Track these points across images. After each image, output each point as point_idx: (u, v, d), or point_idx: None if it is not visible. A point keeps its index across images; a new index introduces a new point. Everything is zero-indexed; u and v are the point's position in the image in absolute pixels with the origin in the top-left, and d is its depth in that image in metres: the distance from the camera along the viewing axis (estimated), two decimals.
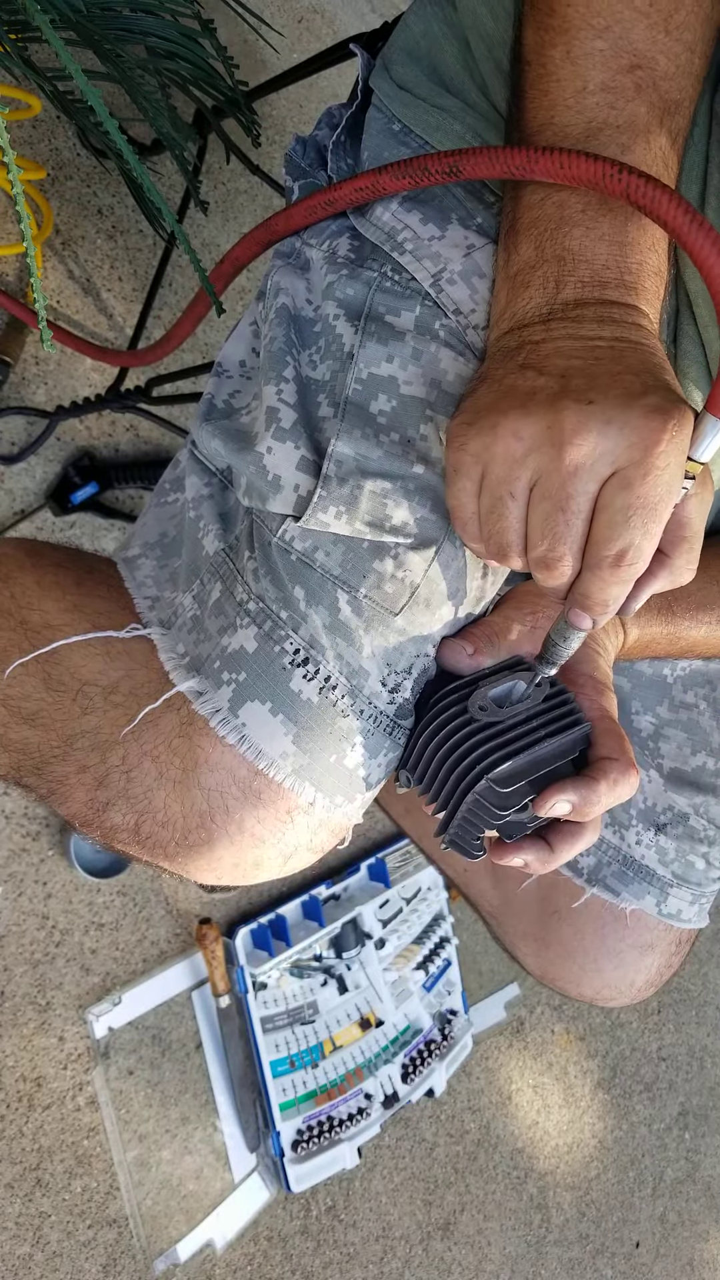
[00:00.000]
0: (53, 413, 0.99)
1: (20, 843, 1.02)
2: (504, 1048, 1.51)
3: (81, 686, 0.51)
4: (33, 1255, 1.01)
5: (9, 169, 0.52)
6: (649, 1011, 1.76)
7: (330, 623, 0.47)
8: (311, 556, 0.47)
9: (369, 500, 0.47)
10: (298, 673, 0.47)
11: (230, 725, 0.47)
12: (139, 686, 0.50)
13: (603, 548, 0.39)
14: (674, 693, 0.70)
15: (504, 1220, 1.47)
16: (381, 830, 1.38)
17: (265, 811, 0.48)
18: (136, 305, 1.09)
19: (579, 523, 0.40)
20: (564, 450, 0.38)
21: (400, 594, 0.48)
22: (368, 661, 0.48)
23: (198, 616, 0.51)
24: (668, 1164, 1.74)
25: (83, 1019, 1.05)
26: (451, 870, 0.86)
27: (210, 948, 1.12)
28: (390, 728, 0.50)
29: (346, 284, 0.50)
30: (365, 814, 1.35)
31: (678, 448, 0.38)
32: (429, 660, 0.51)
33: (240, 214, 1.19)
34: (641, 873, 0.70)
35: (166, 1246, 1.09)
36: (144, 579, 0.55)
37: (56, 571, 0.57)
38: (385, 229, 0.50)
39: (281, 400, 0.48)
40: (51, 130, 1.03)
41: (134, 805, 0.49)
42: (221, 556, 0.50)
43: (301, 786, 0.48)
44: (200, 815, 0.48)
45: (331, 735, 0.48)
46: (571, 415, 0.38)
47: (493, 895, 0.80)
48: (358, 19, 1.39)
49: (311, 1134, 1.18)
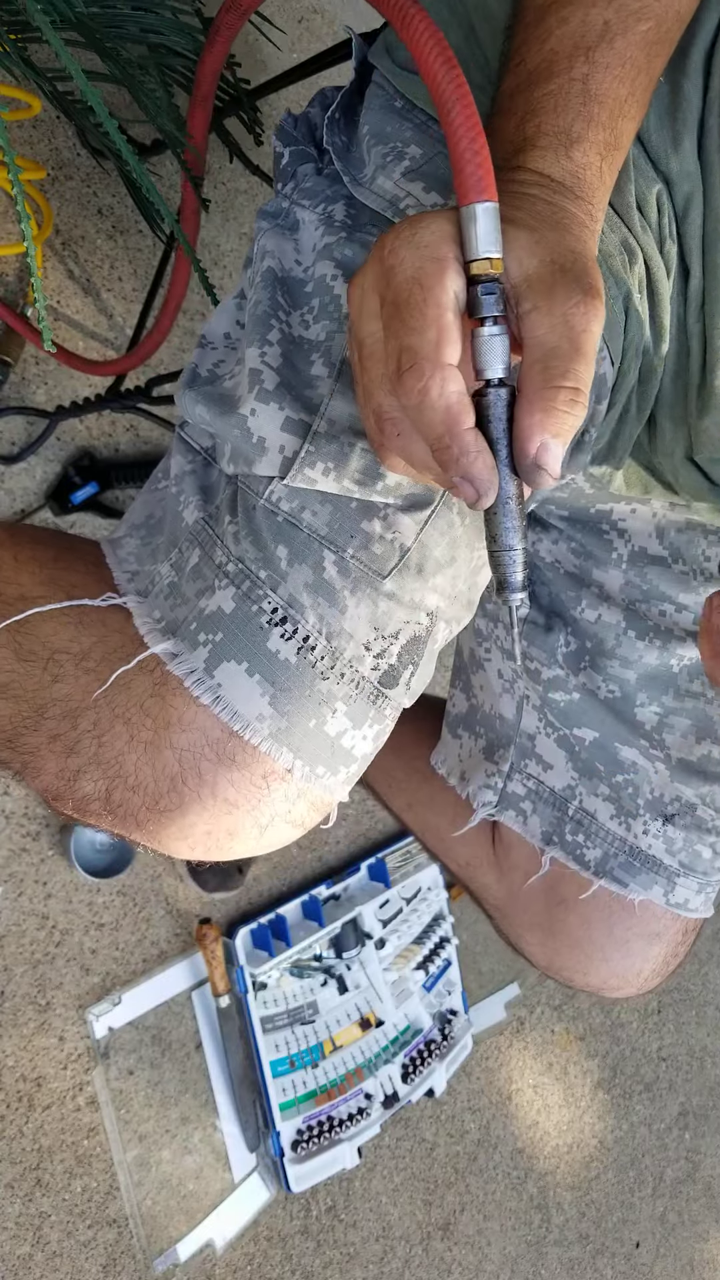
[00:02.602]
0: (53, 413, 0.99)
1: (20, 843, 1.02)
2: (504, 1048, 1.51)
3: (52, 655, 0.50)
4: (33, 1255, 1.01)
5: (9, 169, 0.52)
6: (649, 1011, 1.76)
7: (312, 581, 0.46)
8: (298, 517, 0.47)
9: (360, 458, 0.46)
10: (275, 632, 0.46)
11: (205, 685, 0.46)
12: (111, 652, 0.49)
13: (381, 364, 0.37)
14: (679, 682, 0.70)
15: (504, 1220, 1.47)
16: (382, 830, 1.38)
17: (239, 775, 0.47)
18: (136, 305, 1.09)
19: (376, 367, 0.38)
20: (349, 312, 0.39)
21: (389, 556, 0.47)
22: (350, 623, 0.47)
23: (175, 583, 0.50)
24: (668, 1164, 1.74)
25: (83, 1019, 1.05)
26: (455, 864, 0.85)
27: (210, 948, 1.12)
28: (374, 695, 0.49)
29: (345, 246, 0.49)
30: (365, 814, 1.35)
31: (408, 241, 0.36)
32: (420, 628, 0.50)
33: (240, 214, 1.19)
34: (649, 863, 0.70)
35: (166, 1246, 1.09)
36: (125, 555, 0.54)
37: (34, 548, 0.56)
38: (387, 196, 0.50)
39: (265, 363, 0.48)
40: (51, 130, 1.03)
41: (105, 771, 0.48)
42: (201, 524, 0.50)
43: (279, 751, 0.47)
44: (171, 778, 0.47)
45: (310, 699, 0.47)
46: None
47: (497, 888, 0.80)
48: (358, 19, 1.39)
49: (311, 1134, 1.18)
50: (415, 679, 0.51)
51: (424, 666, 0.52)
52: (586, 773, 0.72)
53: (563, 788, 0.73)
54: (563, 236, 0.38)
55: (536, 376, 0.36)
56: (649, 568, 0.69)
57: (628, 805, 0.71)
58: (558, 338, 0.35)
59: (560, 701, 0.72)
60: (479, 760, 0.78)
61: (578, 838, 0.72)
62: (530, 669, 0.73)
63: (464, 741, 0.81)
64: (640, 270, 0.51)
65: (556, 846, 0.73)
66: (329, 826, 0.56)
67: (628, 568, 0.70)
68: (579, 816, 0.73)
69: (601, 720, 0.71)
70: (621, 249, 0.50)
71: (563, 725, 0.72)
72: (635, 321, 0.51)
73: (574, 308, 0.36)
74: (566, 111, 0.41)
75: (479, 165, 0.36)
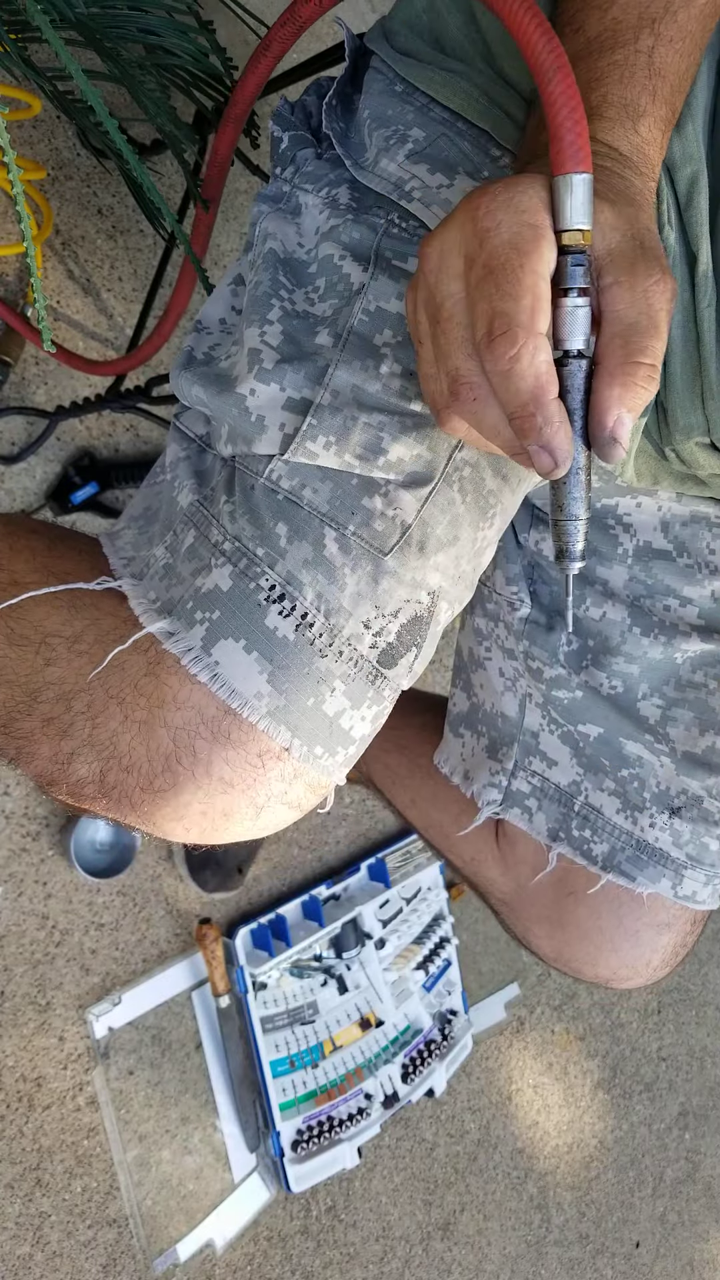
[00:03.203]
0: (53, 413, 0.99)
1: (20, 843, 1.02)
2: (504, 1048, 1.51)
3: (45, 639, 0.50)
4: (33, 1255, 1.01)
5: (9, 169, 0.52)
6: (649, 1011, 1.76)
7: (311, 559, 0.46)
8: (299, 494, 0.46)
9: (362, 432, 0.46)
10: (273, 609, 0.46)
11: (203, 663, 0.46)
12: (105, 634, 0.49)
13: (473, 330, 0.37)
14: (682, 673, 0.70)
15: (504, 1220, 1.47)
16: (382, 830, 1.38)
17: (234, 753, 0.47)
18: (136, 305, 1.09)
19: (457, 329, 0.37)
20: (420, 271, 0.38)
21: (390, 533, 0.47)
22: (350, 601, 0.47)
23: (170, 564, 0.49)
24: (668, 1164, 1.74)
25: (83, 1019, 1.05)
26: (459, 860, 0.85)
27: (210, 948, 1.12)
28: (373, 675, 0.49)
29: (352, 228, 0.49)
30: (365, 814, 1.35)
31: (505, 205, 0.36)
32: (421, 607, 0.49)
33: (240, 214, 1.19)
34: (656, 856, 0.70)
35: (166, 1246, 1.09)
36: (122, 545, 0.54)
37: (30, 537, 0.56)
38: (391, 179, 0.50)
39: (264, 342, 0.48)
40: (51, 130, 1.03)
41: (99, 752, 0.47)
42: (195, 506, 0.49)
43: (276, 729, 0.47)
44: (166, 757, 0.46)
45: (309, 676, 0.47)
46: (427, 239, 0.38)
47: (503, 883, 0.80)
48: (357, 19, 1.39)
49: (311, 1134, 1.18)
50: (418, 660, 0.51)
51: (426, 648, 0.51)
52: (591, 768, 0.72)
53: (568, 784, 0.73)
54: (639, 213, 0.38)
55: (618, 350, 0.36)
56: (654, 562, 0.69)
57: (634, 799, 0.71)
58: (638, 314, 0.36)
59: (563, 699, 0.72)
60: (482, 759, 0.78)
61: (584, 833, 0.72)
62: (532, 668, 0.73)
63: (466, 740, 0.81)
64: None
65: (563, 842, 0.73)
66: (325, 811, 0.55)
67: (633, 563, 0.70)
68: (585, 812, 0.72)
69: (605, 716, 0.71)
70: None
71: (566, 722, 0.72)
72: None
73: (654, 285, 0.36)
74: (633, 84, 0.41)
75: (578, 135, 0.36)
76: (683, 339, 0.53)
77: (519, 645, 0.74)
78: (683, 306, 0.52)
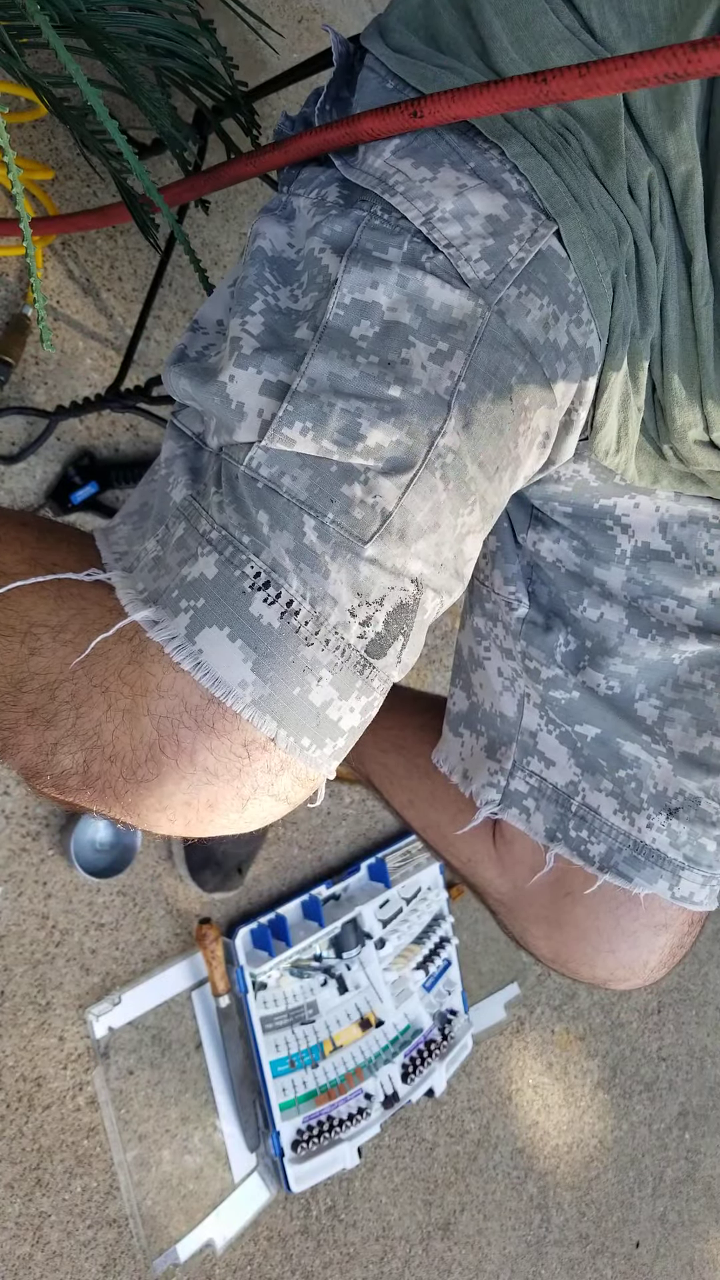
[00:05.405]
0: (53, 413, 0.99)
1: (20, 843, 1.02)
2: (504, 1048, 1.51)
3: (30, 628, 0.49)
4: (33, 1255, 1.01)
5: (9, 169, 0.52)
6: (649, 1011, 1.76)
7: (294, 547, 0.46)
8: (278, 482, 0.46)
9: (339, 418, 0.45)
10: (258, 596, 0.46)
11: (187, 651, 0.46)
12: (90, 623, 0.49)
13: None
14: (680, 674, 0.70)
15: (504, 1220, 1.47)
16: (382, 830, 1.38)
17: (218, 742, 0.46)
18: (136, 305, 1.09)
19: None
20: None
21: (370, 521, 0.46)
22: (334, 588, 0.46)
23: (159, 556, 0.49)
24: (668, 1164, 1.74)
25: (83, 1019, 1.05)
26: (457, 861, 0.85)
27: (210, 948, 1.12)
28: (361, 665, 0.48)
29: (335, 221, 0.50)
30: (365, 814, 1.35)
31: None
32: (406, 594, 0.49)
33: (240, 214, 1.19)
34: (653, 857, 0.70)
35: (166, 1246, 1.09)
36: (116, 540, 0.54)
37: (19, 530, 0.56)
38: (376, 174, 0.50)
39: (245, 330, 0.48)
40: (52, 130, 1.03)
41: (83, 742, 0.47)
42: (188, 500, 0.49)
43: (261, 718, 0.46)
44: (149, 746, 0.46)
45: (294, 665, 0.46)
46: None
47: (500, 883, 0.80)
48: (358, 19, 1.39)
49: (311, 1134, 1.18)
50: (407, 651, 0.51)
51: (414, 638, 0.51)
52: (589, 769, 0.72)
53: (565, 784, 0.73)
54: None
55: None
56: (652, 563, 0.69)
57: (631, 800, 0.71)
58: None
59: (561, 699, 0.72)
60: (481, 758, 0.78)
61: (581, 833, 0.72)
62: (530, 668, 0.73)
63: (465, 740, 0.81)
64: (629, 250, 0.51)
65: (560, 843, 0.73)
66: (316, 806, 0.55)
67: (631, 564, 0.70)
68: (582, 812, 0.73)
69: (603, 716, 0.71)
70: (612, 224, 0.50)
71: (564, 722, 0.72)
72: (622, 301, 0.51)
73: None
74: None
75: None
76: (680, 337, 0.53)
77: (517, 645, 0.74)
78: (680, 305, 0.52)
